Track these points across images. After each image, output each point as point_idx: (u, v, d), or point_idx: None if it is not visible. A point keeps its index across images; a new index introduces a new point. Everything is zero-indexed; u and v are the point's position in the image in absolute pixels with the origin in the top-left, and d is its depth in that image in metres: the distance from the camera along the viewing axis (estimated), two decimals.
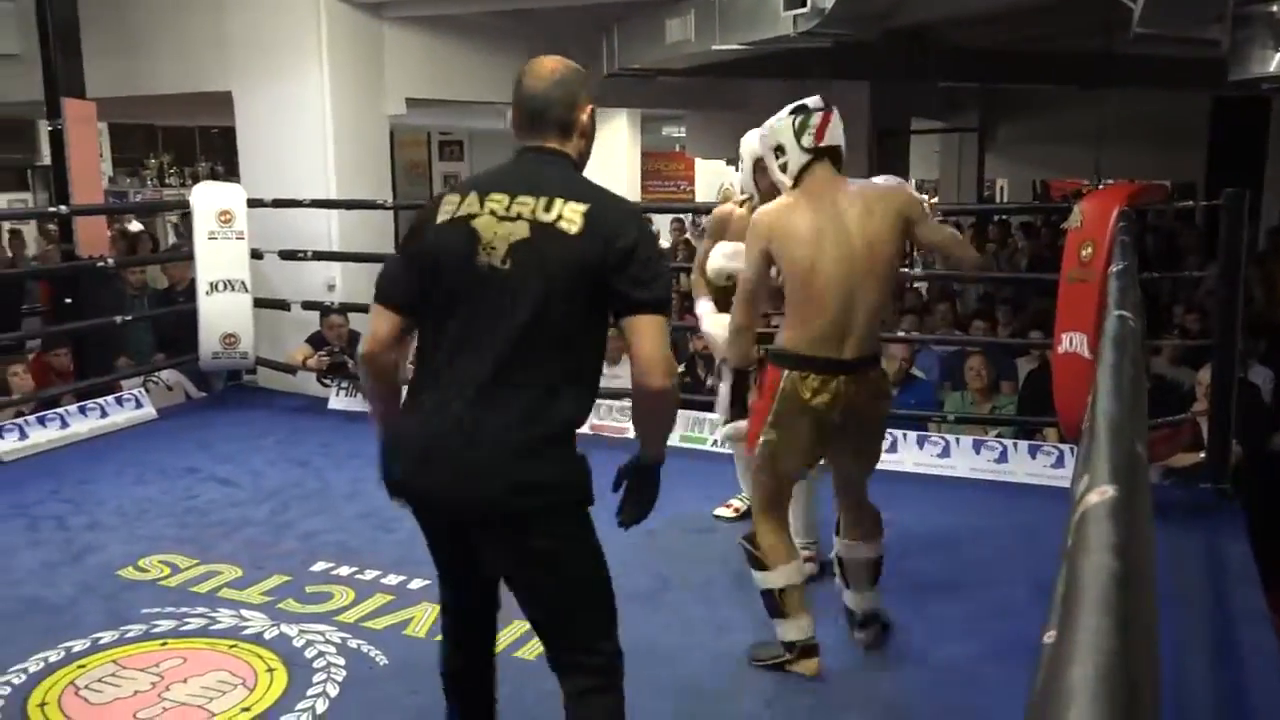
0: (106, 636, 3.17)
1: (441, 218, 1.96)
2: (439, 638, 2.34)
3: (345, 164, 6.32)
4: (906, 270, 5.77)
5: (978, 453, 4.75)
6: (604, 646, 2.00)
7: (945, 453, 4.85)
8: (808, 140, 2.72)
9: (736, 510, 4.13)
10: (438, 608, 3.29)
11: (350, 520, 4.20)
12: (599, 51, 7.15)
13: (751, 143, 3.26)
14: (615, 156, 10.89)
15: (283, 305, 6.06)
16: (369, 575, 3.64)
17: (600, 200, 1.92)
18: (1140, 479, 0.70)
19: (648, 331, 1.86)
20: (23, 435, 5.09)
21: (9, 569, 3.70)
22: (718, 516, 4.18)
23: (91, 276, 5.90)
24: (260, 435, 5.47)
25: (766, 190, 3.14)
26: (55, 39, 5.81)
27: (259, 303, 5.96)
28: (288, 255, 5.96)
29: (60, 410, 5.37)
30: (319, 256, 6.01)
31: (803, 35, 4.93)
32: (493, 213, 1.91)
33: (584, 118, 2.03)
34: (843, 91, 8.91)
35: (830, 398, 2.70)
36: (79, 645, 3.10)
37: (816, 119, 2.74)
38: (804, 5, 4.67)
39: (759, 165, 3.16)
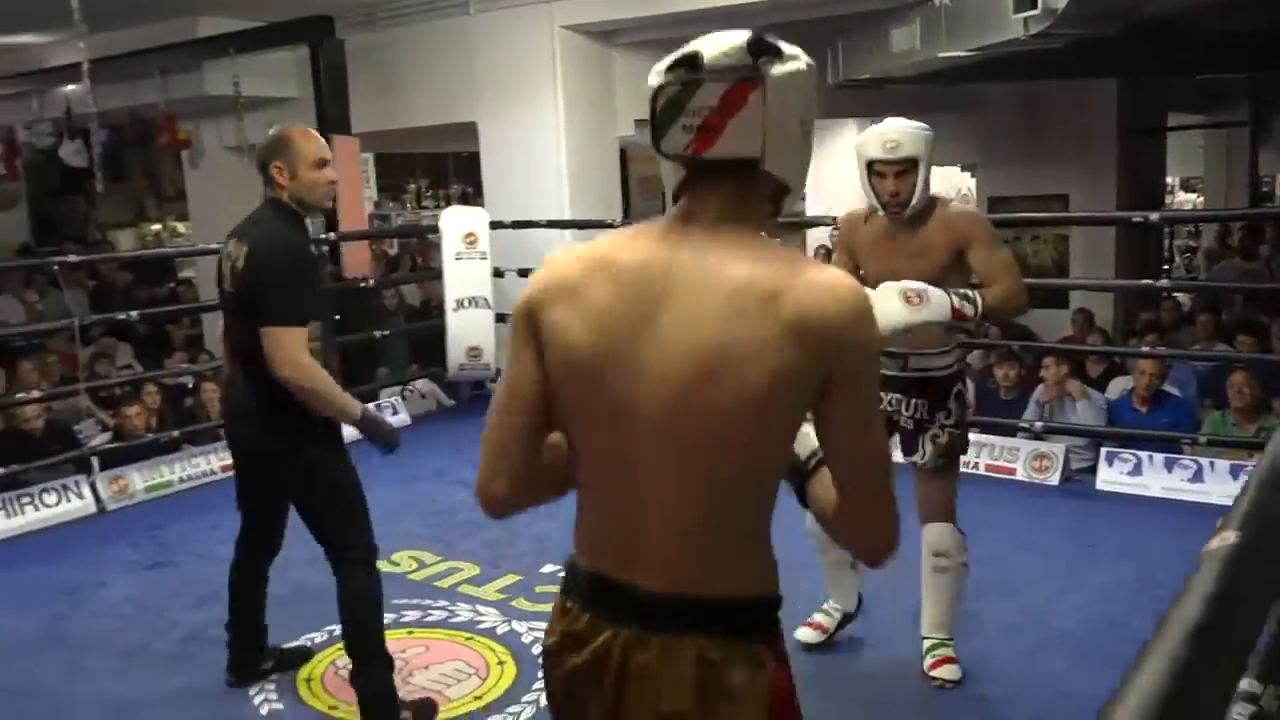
0: None
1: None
2: None
3: (578, 185, 6.65)
4: (1152, 282, 5.40)
5: (1235, 478, 4.39)
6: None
7: (1198, 477, 4.53)
8: None
9: (823, 629, 3.17)
10: None
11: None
12: (824, 63, 7.14)
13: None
14: (844, 167, 10.80)
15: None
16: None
17: (256, 238, 2.69)
18: (1271, 526, 0.68)
19: (268, 336, 2.60)
20: None
21: (284, 559, 4.15)
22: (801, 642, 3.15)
23: (355, 295, 6.51)
24: None
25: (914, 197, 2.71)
26: (326, 83, 6.49)
27: (500, 318, 6.38)
28: (525, 273, 6.34)
29: None
30: None
31: (1035, 38, 4.74)
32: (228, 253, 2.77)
33: (275, 174, 2.75)
34: (1086, 90, 8.48)
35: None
36: (339, 629, 3.46)
37: None
38: (1035, 6, 4.49)
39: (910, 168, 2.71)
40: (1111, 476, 4.65)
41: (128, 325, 6.91)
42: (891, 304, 2.59)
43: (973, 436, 5.21)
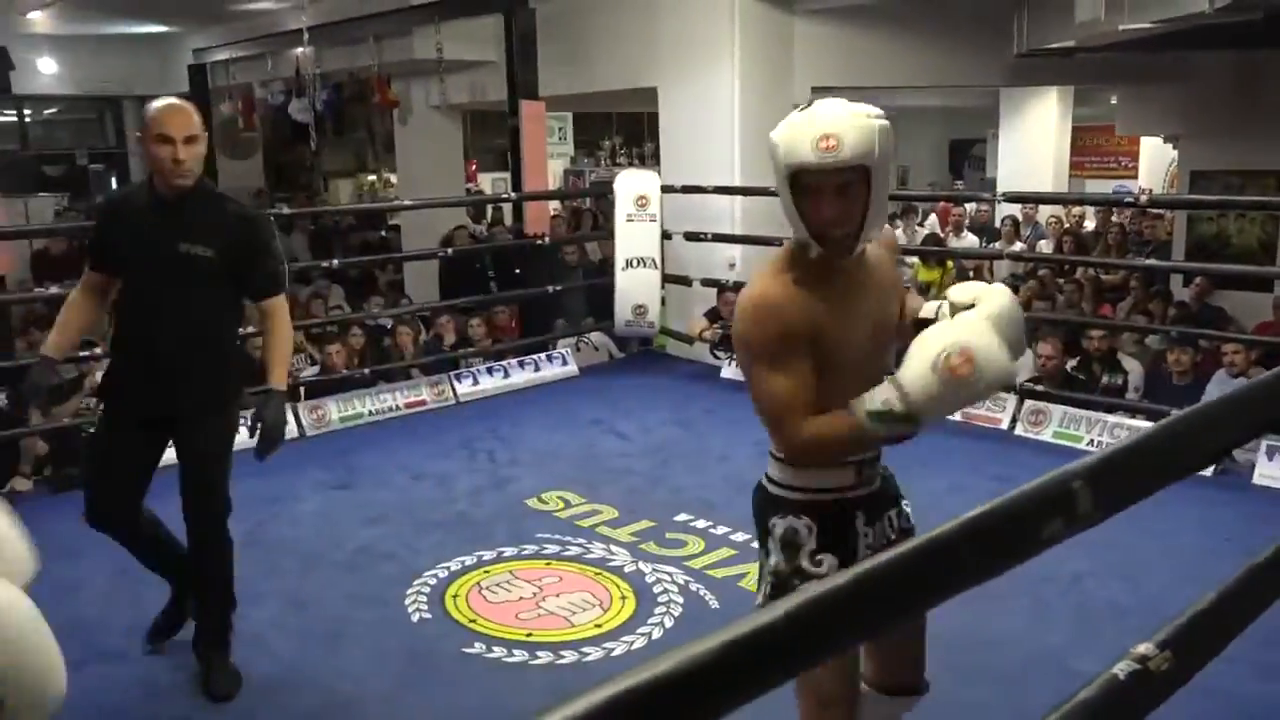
0: (508, 551, 3.93)
1: None
2: None
3: (750, 152, 6.80)
4: None
5: None
6: None
7: None
8: None
9: None
10: None
11: (716, 479, 4.71)
12: (1009, 31, 6.97)
13: None
14: (1042, 135, 10.42)
15: (685, 281, 6.74)
16: (720, 530, 4.11)
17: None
18: None
19: None
20: (475, 381, 6.22)
21: (450, 489, 4.67)
22: None
23: (535, 251, 6.97)
24: (658, 396, 6.18)
25: None
26: (517, 49, 6.91)
27: (667, 278, 6.69)
28: (691, 236, 6.62)
29: (504, 363, 6.47)
30: (718, 238, 6.59)
31: (1221, 11, 4.54)
32: None
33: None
34: None
35: None
36: (487, 555, 3.89)
37: None
38: None
39: None
40: (1270, 471, 4.50)
41: (336, 268, 7.61)
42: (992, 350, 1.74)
43: (1126, 420, 5.13)
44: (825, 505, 1.93)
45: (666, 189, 6.64)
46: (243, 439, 3.09)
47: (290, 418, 5.46)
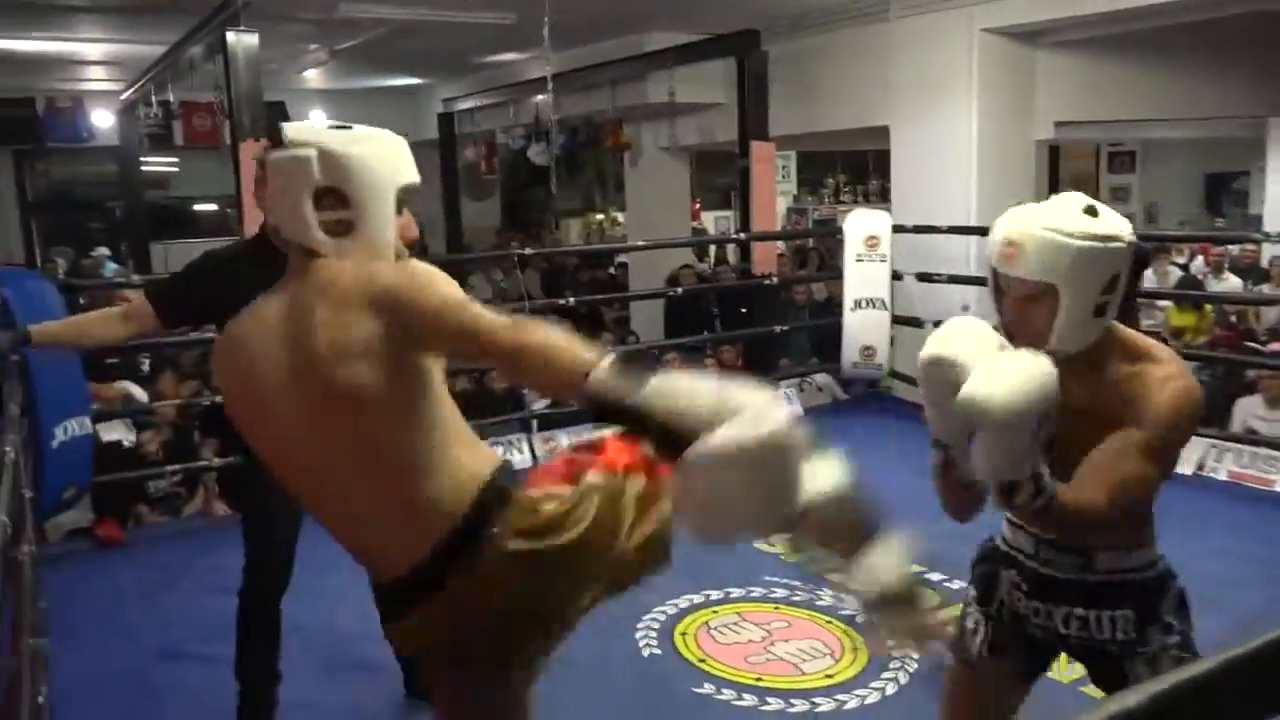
0: (736, 592, 3.92)
1: None
2: None
3: (988, 190, 6.56)
4: None
5: None
6: None
7: None
8: None
9: None
10: None
11: (946, 531, 4.49)
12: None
13: None
14: None
15: (916, 323, 6.54)
16: (957, 585, 3.92)
17: None
18: None
19: None
20: None
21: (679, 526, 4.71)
22: None
23: (762, 290, 6.97)
24: (885, 440, 5.98)
25: None
26: (750, 92, 6.98)
27: (896, 319, 6.52)
28: (924, 277, 6.43)
29: None
30: (953, 280, 6.36)
31: None
32: None
33: None
34: None
35: None
36: (715, 594, 3.89)
37: None
38: None
39: None
40: None
41: (569, 305, 7.90)
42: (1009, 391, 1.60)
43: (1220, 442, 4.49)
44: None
45: (898, 229, 6.50)
46: None
47: (525, 447, 5.70)
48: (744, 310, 7.33)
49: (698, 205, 15.23)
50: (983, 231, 6.62)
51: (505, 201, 14.38)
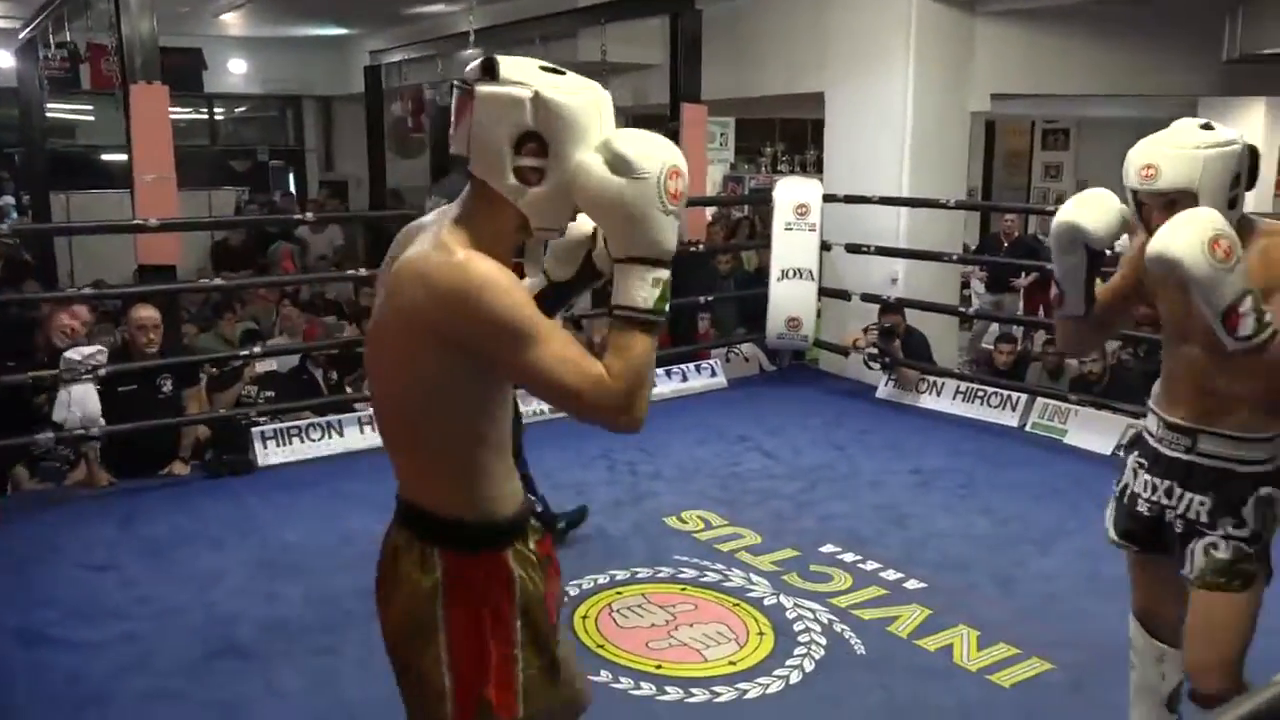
0: (643, 572, 3.75)
1: None
2: (921, 642, 2.44)
3: (921, 161, 6.43)
4: None
5: None
6: None
7: None
8: None
9: None
10: (929, 611, 3.40)
11: (867, 509, 4.40)
12: (1218, 35, 6.35)
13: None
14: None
15: (844, 295, 6.41)
16: (870, 566, 3.81)
17: None
18: None
19: None
20: None
21: (589, 501, 4.51)
22: None
23: (688, 258, 6.77)
24: (808, 414, 5.88)
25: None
26: (681, 52, 6.75)
27: (824, 291, 6.38)
28: (853, 249, 6.29)
29: (682, 367, 6.35)
30: (881, 251, 6.24)
31: None
32: None
33: None
34: None
35: None
36: (621, 575, 3.72)
37: None
38: None
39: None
40: None
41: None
42: (1187, 239, 1.89)
43: (1137, 422, 4.49)
44: None
45: (828, 198, 6.34)
46: None
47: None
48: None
49: None
50: (913, 203, 6.55)
51: (435, 161, 13.95)
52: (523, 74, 1.44)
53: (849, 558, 3.88)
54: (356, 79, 11.37)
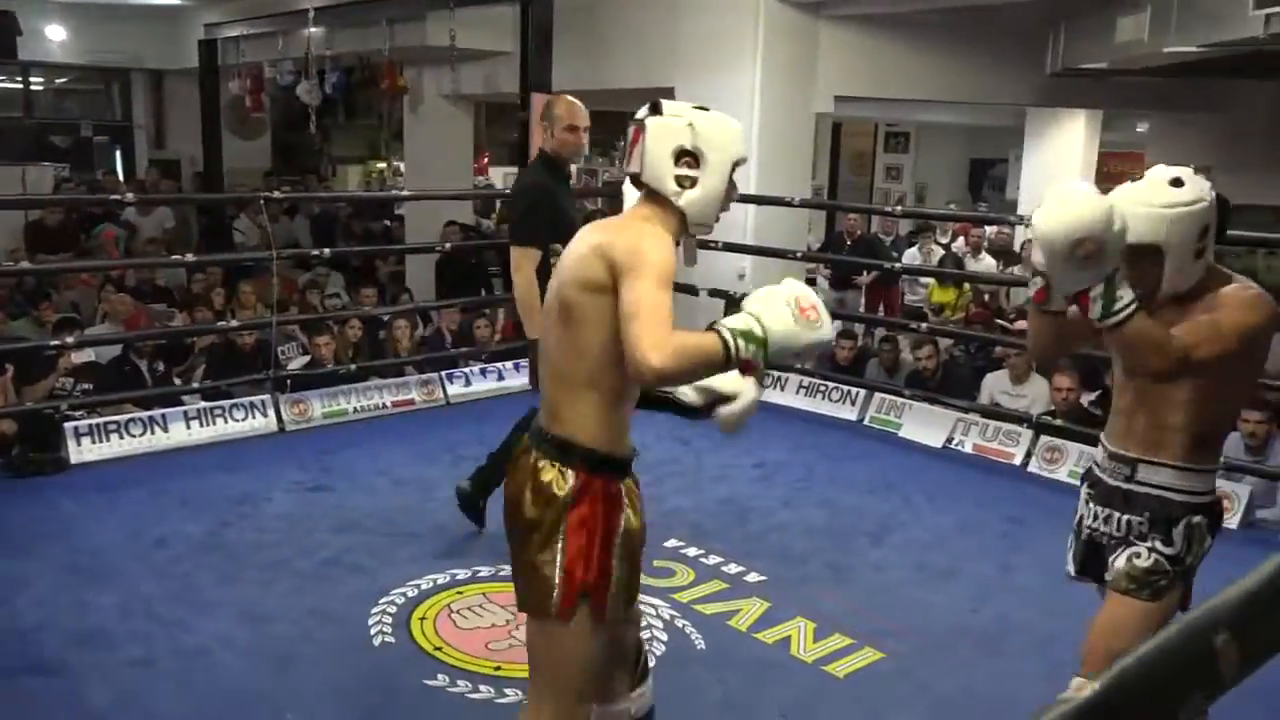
0: (484, 570, 3.67)
1: None
2: (761, 635, 2.46)
3: (767, 160, 6.54)
4: None
5: None
6: None
7: None
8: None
9: None
10: (767, 604, 3.45)
11: (710, 503, 4.44)
12: (1043, 50, 6.70)
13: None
14: (1067, 158, 10.12)
15: (691, 290, 6.46)
16: (712, 560, 3.84)
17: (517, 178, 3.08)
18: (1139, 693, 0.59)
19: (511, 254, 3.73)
20: (468, 383, 5.97)
21: (431, 498, 4.40)
22: None
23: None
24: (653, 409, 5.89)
25: None
26: (532, 41, 6.65)
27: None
28: (701, 244, 6.33)
29: (499, 365, 6.21)
30: (729, 248, 6.31)
31: (1274, 37, 4.28)
32: None
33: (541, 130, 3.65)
34: None
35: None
36: (462, 574, 3.63)
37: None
38: (1277, 3, 4.04)
39: None
40: None
41: (322, 256, 7.34)
42: (778, 308, 1.85)
43: (967, 416, 4.83)
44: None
45: None
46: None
47: (271, 411, 5.21)
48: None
49: (486, 159, 14.75)
50: (760, 200, 6.64)
51: (277, 143, 13.40)
52: (681, 110, 1.94)
53: (692, 552, 3.91)
54: (190, 53, 10.79)
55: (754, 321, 1.79)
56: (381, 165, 14.98)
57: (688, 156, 1.90)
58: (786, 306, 1.81)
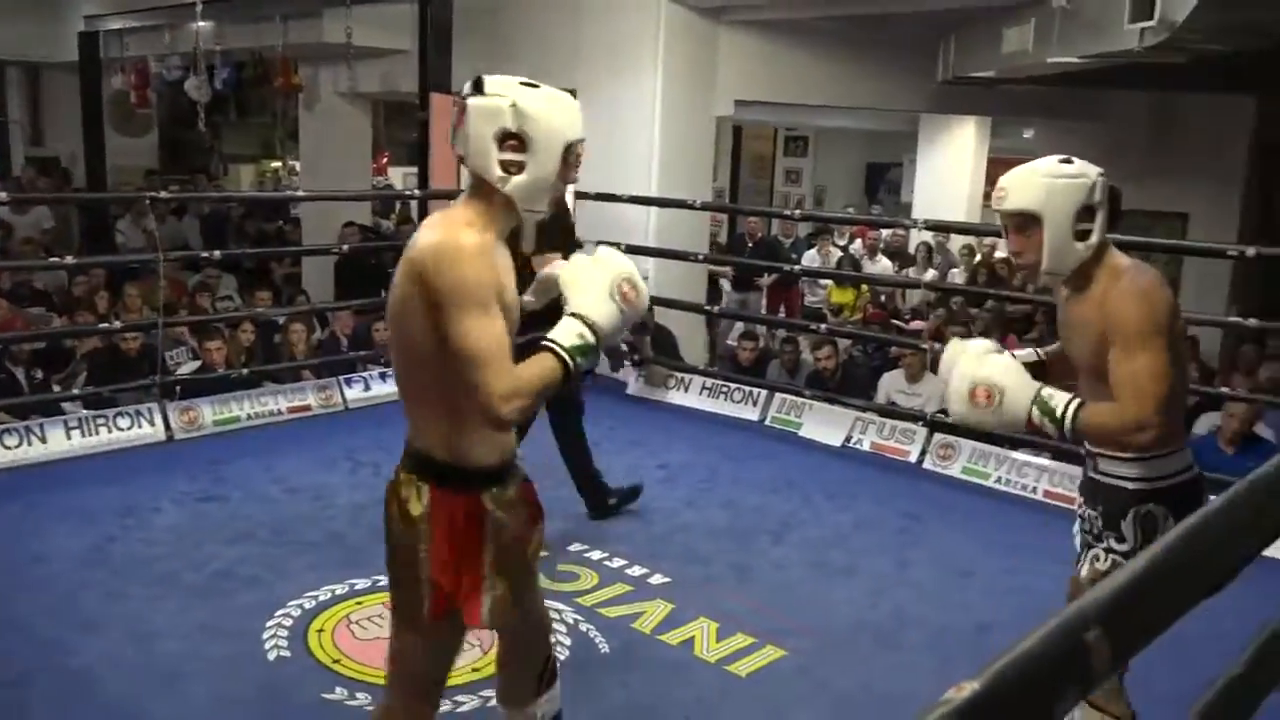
0: (384, 580, 3.57)
1: None
2: (664, 637, 2.46)
3: (668, 162, 6.59)
4: (1241, 320, 5.00)
5: None
6: None
7: None
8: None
9: None
10: (671, 606, 3.47)
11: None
12: (935, 58, 6.90)
13: None
14: (958, 163, 10.45)
15: None
16: (616, 563, 3.84)
17: None
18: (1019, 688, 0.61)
19: None
20: (367, 387, 5.84)
21: (329, 505, 4.30)
22: None
23: None
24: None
25: None
26: (431, 39, 6.56)
27: None
28: (606, 245, 6.35)
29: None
30: (632, 250, 6.31)
31: (1150, 50, 4.48)
32: None
33: None
34: (1221, 105, 7.98)
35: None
36: (361, 583, 3.55)
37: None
38: (1151, 18, 4.23)
39: None
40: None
41: (212, 258, 7.10)
42: (956, 394, 2.16)
43: (1033, 458, 5.02)
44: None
45: (580, 195, 6.36)
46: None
47: (158, 419, 5.02)
48: None
49: (386, 159, 14.50)
50: (662, 203, 6.68)
51: (164, 140, 12.93)
52: (504, 89, 1.81)
53: (596, 555, 3.90)
54: (70, 46, 10.32)
55: (584, 328, 1.82)
56: (276, 164, 14.60)
57: (512, 139, 1.79)
58: (612, 300, 1.84)
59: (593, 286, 1.84)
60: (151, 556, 3.71)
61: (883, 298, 8.63)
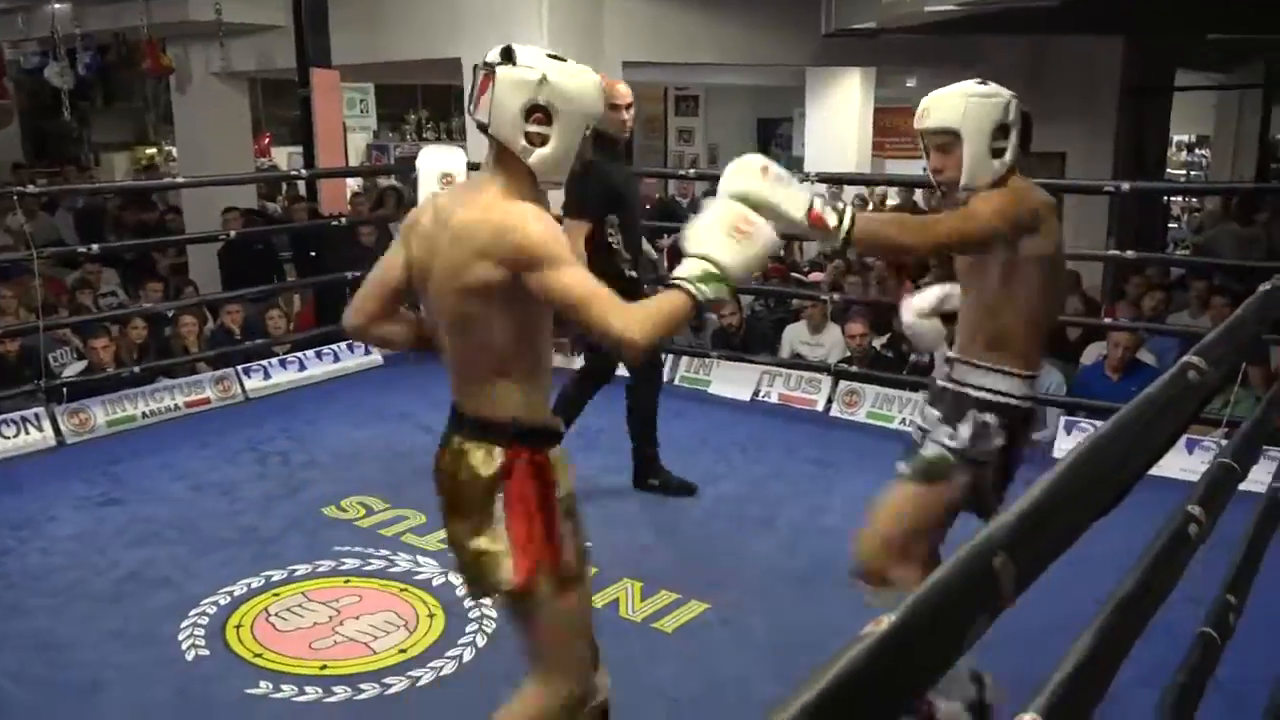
0: (301, 569, 3.54)
1: None
2: None
3: None
4: (1120, 254, 5.22)
5: (1191, 453, 4.36)
6: None
7: None
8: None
9: None
10: (594, 569, 3.48)
11: None
12: (817, 11, 6.97)
13: None
14: (846, 115, 10.59)
15: None
16: None
17: None
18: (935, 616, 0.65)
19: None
20: (267, 376, 5.69)
21: (235, 500, 4.20)
22: None
23: (332, 232, 6.45)
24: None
25: None
26: (306, 13, 6.36)
27: None
28: None
29: (300, 354, 5.95)
30: None
31: None
32: None
33: None
34: (1092, 47, 8.26)
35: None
36: (278, 575, 3.48)
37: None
38: None
39: None
40: (1069, 445, 4.62)
41: (91, 252, 6.79)
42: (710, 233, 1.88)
43: (772, 368, 5.12)
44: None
45: (473, 166, 6.26)
46: None
47: (46, 424, 4.81)
48: (313, 254, 6.76)
49: (268, 139, 14.03)
50: None
51: (27, 131, 12.28)
52: (535, 60, 1.80)
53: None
54: None
55: (706, 264, 1.82)
56: (151, 151, 14.00)
57: (539, 112, 1.80)
58: (728, 237, 1.84)
59: (707, 232, 1.85)
60: (51, 567, 3.58)
61: (781, 252, 8.74)
